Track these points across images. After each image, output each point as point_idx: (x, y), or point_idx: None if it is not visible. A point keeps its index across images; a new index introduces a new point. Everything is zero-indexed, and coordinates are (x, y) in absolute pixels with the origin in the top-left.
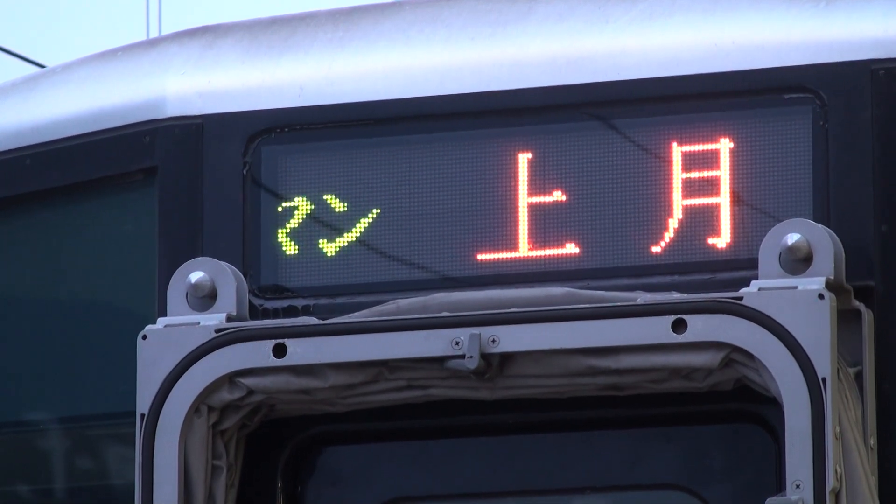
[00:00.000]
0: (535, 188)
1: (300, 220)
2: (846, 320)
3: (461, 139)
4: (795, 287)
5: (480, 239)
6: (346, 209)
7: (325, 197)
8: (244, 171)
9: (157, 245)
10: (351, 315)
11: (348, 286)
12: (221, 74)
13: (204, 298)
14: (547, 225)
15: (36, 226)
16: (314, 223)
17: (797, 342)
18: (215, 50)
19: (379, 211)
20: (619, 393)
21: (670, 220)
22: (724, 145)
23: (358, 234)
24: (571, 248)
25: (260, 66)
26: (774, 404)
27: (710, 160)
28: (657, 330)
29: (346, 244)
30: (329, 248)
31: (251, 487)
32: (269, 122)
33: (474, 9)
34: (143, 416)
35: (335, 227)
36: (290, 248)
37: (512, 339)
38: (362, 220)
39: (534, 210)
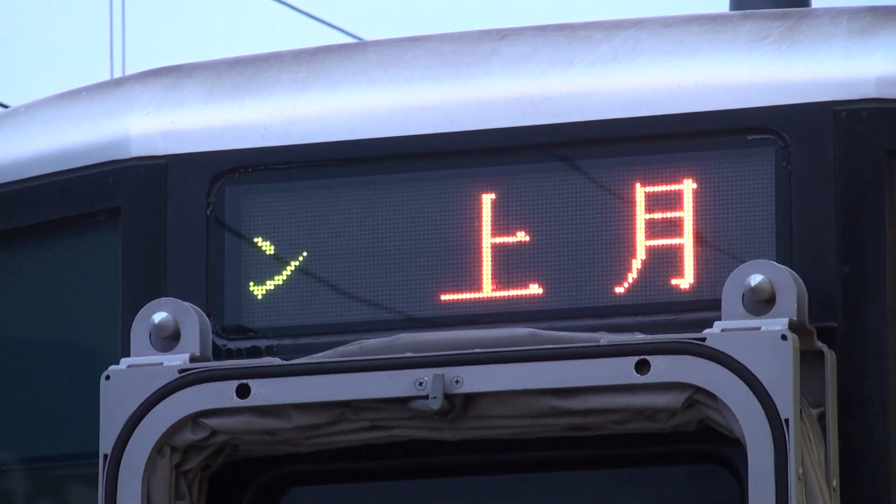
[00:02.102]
0: (498, 229)
1: (264, 261)
2: (809, 361)
3: (425, 179)
4: (758, 328)
5: (444, 279)
6: (309, 249)
7: (288, 237)
8: (208, 212)
9: (121, 285)
10: (314, 356)
11: (312, 327)
12: (185, 114)
13: (167, 339)
14: (510, 265)
15: None
16: (278, 263)
17: (760, 383)
18: (179, 90)
19: (342, 251)
20: (582, 434)
21: (633, 261)
22: (688, 186)
23: (321, 275)
24: (535, 289)
25: (224, 107)
26: (738, 445)
27: (673, 201)
28: (620, 371)
29: (309, 285)
30: (292, 288)
31: None
32: (232, 162)
33: (438, 49)
34: (105, 456)
35: (299, 267)
36: (254, 289)
37: (475, 379)
38: (326, 261)
39: (497, 251)
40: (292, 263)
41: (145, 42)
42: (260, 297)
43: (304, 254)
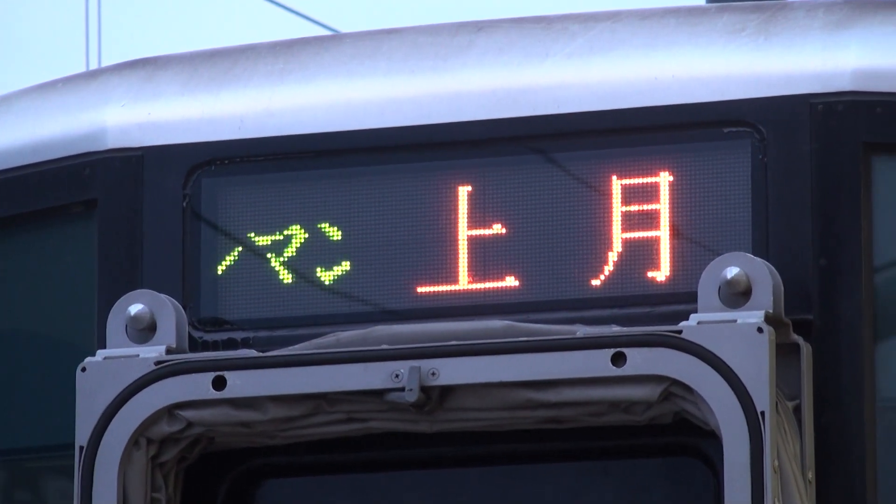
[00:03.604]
0: (475, 221)
1: (240, 253)
2: (785, 354)
3: (401, 172)
4: (734, 321)
5: (420, 272)
6: (285, 241)
7: (264, 229)
8: (184, 204)
9: (97, 277)
10: (290, 348)
11: (288, 318)
12: (162, 106)
13: (143, 331)
14: (487, 258)
15: None
16: (254, 255)
17: (736, 375)
18: (155, 82)
19: (318, 243)
20: (558, 426)
21: (610, 254)
22: (664, 179)
23: (297, 267)
24: (511, 281)
25: (200, 98)
26: (713, 438)
27: (649, 193)
28: (597, 363)
29: (285, 276)
30: (269, 280)
31: None
32: (209, 154)
33: (415, 42)
34: (81, 448)
35: (275, 259)
36: (230, 281)
37: (451, 372)
38: (302, 253)
39: (474, 243)
40: (268, 255)
41: (121, 34)
42: (236, 288)
43: (280, 246)
